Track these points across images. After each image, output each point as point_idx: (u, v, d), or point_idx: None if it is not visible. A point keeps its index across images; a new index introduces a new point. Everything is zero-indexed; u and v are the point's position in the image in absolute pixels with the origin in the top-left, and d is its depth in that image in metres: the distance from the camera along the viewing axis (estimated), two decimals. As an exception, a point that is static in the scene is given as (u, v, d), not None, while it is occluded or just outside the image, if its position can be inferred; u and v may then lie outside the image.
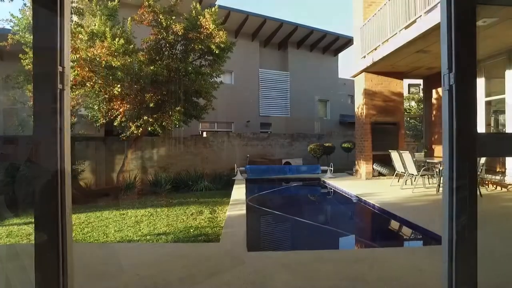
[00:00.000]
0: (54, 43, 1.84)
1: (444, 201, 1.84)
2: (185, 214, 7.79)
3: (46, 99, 1.82)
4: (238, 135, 15.51)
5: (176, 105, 9.43)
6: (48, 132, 1.83)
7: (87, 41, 7.82)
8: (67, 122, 1.93)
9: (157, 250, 4.38)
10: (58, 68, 1.84)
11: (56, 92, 1.82)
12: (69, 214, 1.95)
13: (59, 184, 1.85)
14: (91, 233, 6.29)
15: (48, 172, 1.82)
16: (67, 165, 1.95)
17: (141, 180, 12.46)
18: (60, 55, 1.87)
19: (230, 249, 4.24)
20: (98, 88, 8.31)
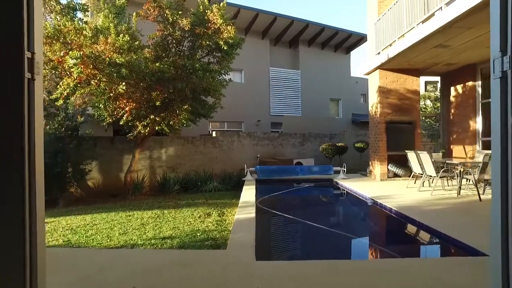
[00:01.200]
0: (18, 24, 1.54)
1: (493, 207, 1.51)
2: (193, 216, 7.53)
3: (8, 89, 1.52)
4: (248, 134, 15.21)
5: (183, 103, 9.16)
6: (12, 126, 1.54)
7: (91, 38, 7.61)
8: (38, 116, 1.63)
9: (159, 257, 4.10)
10: (25, 54, 1.54)
11: (23, 81, 1.53)
12: (41, 217, 1.67)
13: (25, 184, 1.56)
14: (95, 236, 6.07)
15: (10, 170, 1.54)
16: (39, 163, 1.66)
17: (149, 181, 12.28)
18: (28, 39, 1.58)
19: (238, 257, 3.92)
20: (103, 86, 8.09)
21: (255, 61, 19.51)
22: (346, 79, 23.43)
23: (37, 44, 1.62)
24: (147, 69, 7.99)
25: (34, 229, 1.59)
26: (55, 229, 6.64)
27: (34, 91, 1.59)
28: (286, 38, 21.10)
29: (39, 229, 1.65)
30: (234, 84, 17.65)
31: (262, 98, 19.98)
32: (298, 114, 21.24)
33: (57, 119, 9.91)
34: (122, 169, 11.79)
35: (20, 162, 1.53)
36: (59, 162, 9.61)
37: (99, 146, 11.58)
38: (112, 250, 4.64)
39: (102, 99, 8.80)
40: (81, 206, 9.41)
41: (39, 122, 1.64)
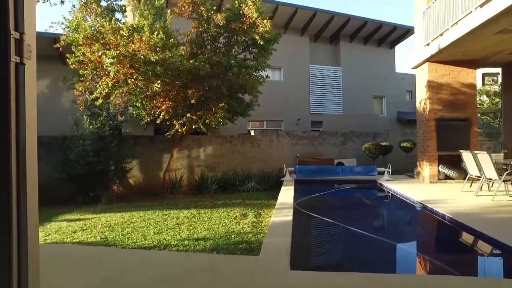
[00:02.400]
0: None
1: None
2: (229, 217, 7.34)
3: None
4: (287, 133, 14.82)
5: (219, 101, 8.99)
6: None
7: (128, 37, 7.67)
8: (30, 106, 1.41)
9: (188, 261, 3.89)
10: (12, 34, 1.33)
11: (8, 66, 1.32)
12: (32, 216, 1.45)
13: (11, 181, 1.34)
14: (131, 234, 6.06)
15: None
16: (31, 159, 1.44)
17: (188, 180, 12.33)
18: (15, 16, 1.36)
19: (271, 265, 3.60)
20: (141, 85, 8.13)
21: (294, 59, 19.04)
22: (391, 75, 22.19)
23: (28, 23, 1.41)
24: (182, 67, 7.89)
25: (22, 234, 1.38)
26: (94, 226, 6.75)
27: (24, 77, 1.38)
28: (326, 33, 20.38)
29: (31, 233, 1.44)
30: (273, 82, 17.38)
31: (302, 96, 19.45)
32: (339, 112, 20.46)
33: (100, 118, 10.20)
34: (162, 167, 11.92)
35: (5, 158, 1.31)
36: (102, 161, 9.88)
37: (139, 145, 11.80)
38: (141, 251, 4.53)
39: (140, 98, 8.88)
40: (121, 204, 9.60)
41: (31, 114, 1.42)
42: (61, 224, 7.05)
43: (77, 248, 4.68)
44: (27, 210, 1.39)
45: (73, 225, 6.96)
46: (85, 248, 4.90)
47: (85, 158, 9.65)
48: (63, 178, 10.01)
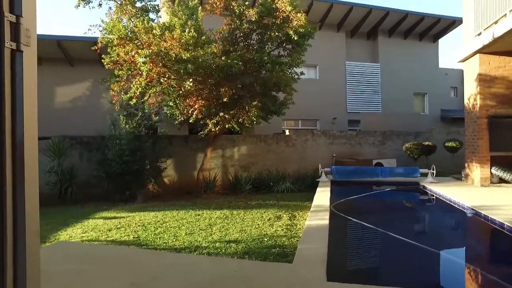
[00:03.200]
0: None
1: None
2: (262, 218, 7.12)
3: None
4: (323, 133, 14.35)
5: (253, 99, 8.77)
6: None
7: (160, 36, 7.66)
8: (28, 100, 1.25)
9: (218, 267, 3.69)
10: (6, 16, 1.16)
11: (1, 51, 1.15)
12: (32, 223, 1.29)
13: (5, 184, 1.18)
14: (162, 234, 6.02)
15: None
16: (30, 160, 1.27)
17: (221, 179, 12.27)
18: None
19: (305, 276, 3.31)
20: (173, 84, 8.11)
21: (330, 56, 18.44)
22: (434, 71, 20.86)
23: (27, 5, 1.24)
24: (214, 64, 7.76)
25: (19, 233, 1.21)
26: (128, 225, 6.80)
27: (22, 66, 1.21)
28: (363, 29, 19.56)
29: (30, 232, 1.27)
30: (308, 81, 16.93)
31: (338, 94, 18.81)
32: (377, 110, 19.57)
33: (135, 118, 10.37)
34: (196, 167, 11.94)
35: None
36: (137, 160, 10.03)
37: (174, 144, 11.89)
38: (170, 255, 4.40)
39: (173, 97, 8.88)
40: (156, 203, 9.69)
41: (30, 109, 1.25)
42: (98, 222, 7.18)
43: (109, 249, 4.65)
44: (25, 217, 1.22)
45: (108, 223, 7.06)
46: (116, 249, 4.88)
47: (122, 157, 9.85)
48: (102, 176, 10.29)
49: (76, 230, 6.49)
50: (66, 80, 14.98)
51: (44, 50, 14.17)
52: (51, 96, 14.91)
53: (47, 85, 14.73)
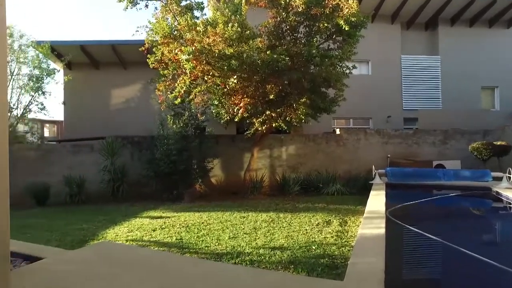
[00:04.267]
0: None
1: None
2: (310, 223, 6.67)
3: None
4: (376, 131, 13.42)
5: (301, 96, 8.28)
6: None
7: (203, 32, 7.48)
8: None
9: (257, 280, 3.31)
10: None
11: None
12: None
13: None
14: (205, 237, 5.82)
15: None
16: None
17: (269, 180, 11.95)
18: None
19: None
20: (218, 82, 7.90)
21: (383, 50, 17.23)
22: (506, 62, 18.59)
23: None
24: (259, 60, 7.40)
25: None
26: (172, 225, 6.72)
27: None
28: (421, 19, 17.97)
29: None
30: (360, 77, 16.01)
31: (393, 91, 17.52)
32: (437, 107, 17.92)
33: (182, 118, 10.42)
34: (242, 167, 11.76)
35: None
36: (184, 159, 10.06)
37: (220, 144, 11.81)
38: (209, 264, 4.11)
39: (218, 96, 8.69)
40: (202, 203, 9.62)
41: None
42: (144, 221, 7.21)
43: (148, 253, 4.51)
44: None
45: (154, 222, 7.05)
46: (155, 253, 4.74)
47: (169, 157, 9.94)
48: (150, 175, 10.49)
49: (122, 229, 6.54)
50: (120, 83, 15.63)
51: (100, 55, 14.93)
52: (107, 99, 15.67)
53: (104, 88, 15.52)
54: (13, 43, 11.57)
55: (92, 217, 7.95)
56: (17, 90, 11.93)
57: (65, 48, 13.62)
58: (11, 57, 11.52)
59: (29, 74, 11.96)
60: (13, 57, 11.55)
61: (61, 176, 10.60)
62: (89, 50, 14.48)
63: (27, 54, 11.90)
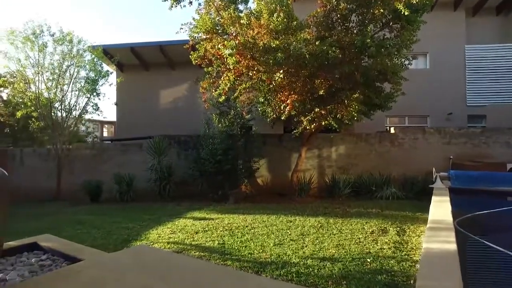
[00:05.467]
0: None
1: None
2: (363, 231, 6.05)
3: None
4: (437, 130, 12.18)
5: (353, 92, 7.58)
6: None
7: (247, 25, 7.09)
8: None
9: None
10: None
11: None
12: None
13: None
14: (249, 242, 5.47)
15: None
16: None
17: (317, 181, 11.37)
18: None
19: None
20: (263, 78, 7.49)
21: (444, 40, 15.64)
22: None
23: None
24: (308, 52, 6.84)
25: None
26: (215, 228, 6.46)
27: None
28: (491, 2, 16.02)
29: None
30: (416, 71, 14.72)
31: (455, 85, 15.84)
32: (510, 102, 15.95)
33: (228, 117, 10.21)
34: (290, 167, 11.29)
35: None
36: (230, 159, 9.84)
37: (267, 143, 11.45)
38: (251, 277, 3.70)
39: (263, 93, 8.28)
40: (247, 204, 9.33)
41: None
42: (187, 222, 7.05)
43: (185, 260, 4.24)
44: None
45: (197, 224, 6.86)
46: (193, 261, 4.48)
47: (215, 156, 9.78)
48: (196, 175, 10.42)
49: (165, 230, 6.42)
50: (168, 83, 15.92)
51: (149, 56, 15.30)
52: (155, 99, 16.04)
53: (152, 88, 15.90)
54: (72, 48, 12.14)
55: (138, 215, 8.00)
56: (75, 93, 12.52)
57: (116, 50, 14.12)
58: (71, 61, 12.12)
59: (86, 76, 12.50)
60: (72, 61, 12.13)
61: (112, 174, 10.94)
62: (139, 51, 14.89)
63: (84, 58, 12.45)
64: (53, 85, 11.85)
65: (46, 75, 11.85)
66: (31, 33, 11.48)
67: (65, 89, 12.10)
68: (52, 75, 11.83)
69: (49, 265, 2.52)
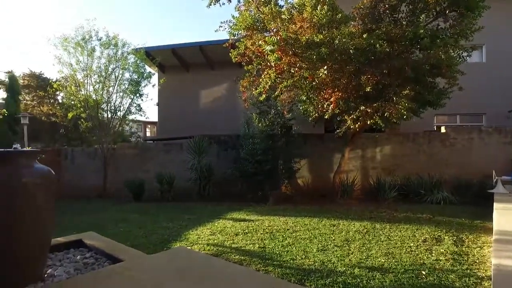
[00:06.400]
0: None
1: None
2: (414, 238, 5.57)
3: None
4: (496, 130, 11.11)
5: (402, 88, 7.00)
6: None
7: (289, 20, 6.79)
8: None
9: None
10: None
11: None
12: None
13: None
14: (291, 247, 5.21)
15: None
16: None
17: (360, 183, 10.83)
18: None
19: None
20: (306, 75, 7.15)
21: (503, 31, 14.26)
22: None
23: None
24: (354, 46, 6.41)
25: None
26: (256, 231, 6.27)
27: None
28: (557, -10, 14.47)
29: None
30: (470, 65, 13.53)
31: (516, 80, 14.48)
32: None
33: (268, 116, 10.00)
34: (332, 168, 10.86)
35: None
36: (270, 159, 9.63)
37: (308, 143, 11.09)
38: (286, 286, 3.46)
39: (306, 91, 7.93)
40: (288, 206, 9.06)
41: None
42: (227, 224, 6.92)
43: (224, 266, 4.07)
44: None
45: (237, 226, 6.71)
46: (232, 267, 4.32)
47: (254, 156, 9.62)
48: (236, 175, 10.32)
49: (205, 231, 6.33)
50: (208, 83, 16.02)
51: (189, 56, 15.48)
52: (196, 99, 16.20)
53: (192, 89, 16.08)
54: (117, 51, 12.57)
55: (178, 215, 8.02)
56: (120, 94, 12.94)
57: (158, 52, 14.41)
58: (116, 64, 12.55)
59: (129, 78, 12.88)
60: (117, 64, 12.55)
61: (154, 173, 11.15)
62: (179, 52, 15.11)
63: (128, 60, 12.83)
64: (100, 87, 12.32)
65: (94, 78, 12.35)
66: (81, 38, 12.01)
67: (110, 91, 12.53)
68: (99, 78, 12.30)
69: (92, 264, 2.60)
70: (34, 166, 2.32)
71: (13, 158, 2.27)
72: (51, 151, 13.45)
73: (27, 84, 19.86)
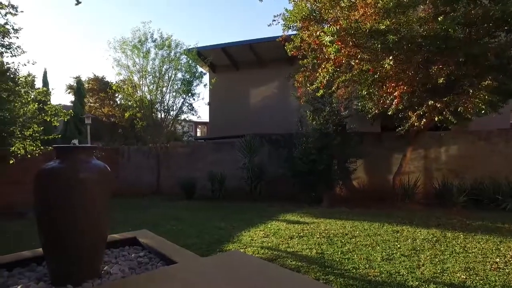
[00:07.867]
0: None
1: None
2: (499, 252, 4.80)
3: None
4: None
5: (481, 78, 6.10)
6: None
7: (349, 7, 6.24)
8: None
9: None
10: None
11: None
12: None
13: None
14: (352, 253, 4.75)
15: None
16: None
17: (423, 186, 9.91)
18: None
19: None
20: (366, 68, 6.55)
21: None
22: None
23: None
24: (425, 32, 5.69)
25: None
26: (312, 234, 5.88)
27: None
28: None
29: None
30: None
31: None
32: None
33: (323, 114, 9.50)
34: (391, 170, 10.08)
35: None
36: (324, 159, 9.13)
37: (365, 142, 10.39)
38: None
39: (366, 85, 7.29)
40: (343, 208, 8.53)
41: None
42: (281, 225, 6.60)
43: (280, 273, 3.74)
44: None
45: (291, 228, 6.36)
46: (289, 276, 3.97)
47: (308, 156, 9.19)
48: (288, 175, 9.97)
49: (258, 232, 6.07)
50: (258, 82, 15.80)
51: (239, 55, 15.39)
52: (246, 98, 16.07)
53: (243, 87, 15.97)
54: (171, 52, 12.82)
55: (230, 215, 7.85)
56: (173, 94, 13.20)
57: (209, 52, 14.49)
58: (169, 64, 12.82)
59: (182, 78, 13.08)
60: (170, 64, 12.81)
61: (205, 172, 11.19)
62: (230, 51, 15.07)
63: (180, 61, 13.04)
64: (154, 87, 12.65)
65: (149, 79, 12.70)
66: (138, 41, 12.42)
67: (164, 91, 12.81)
68: (154, 79, 12.63)
69: (146, 263, 2.58)
70: (91, 162, 2.37)
71: (71, 154, 2.35)
72: (110, 149, 14.13)
73: (91, 88, 21.25)
